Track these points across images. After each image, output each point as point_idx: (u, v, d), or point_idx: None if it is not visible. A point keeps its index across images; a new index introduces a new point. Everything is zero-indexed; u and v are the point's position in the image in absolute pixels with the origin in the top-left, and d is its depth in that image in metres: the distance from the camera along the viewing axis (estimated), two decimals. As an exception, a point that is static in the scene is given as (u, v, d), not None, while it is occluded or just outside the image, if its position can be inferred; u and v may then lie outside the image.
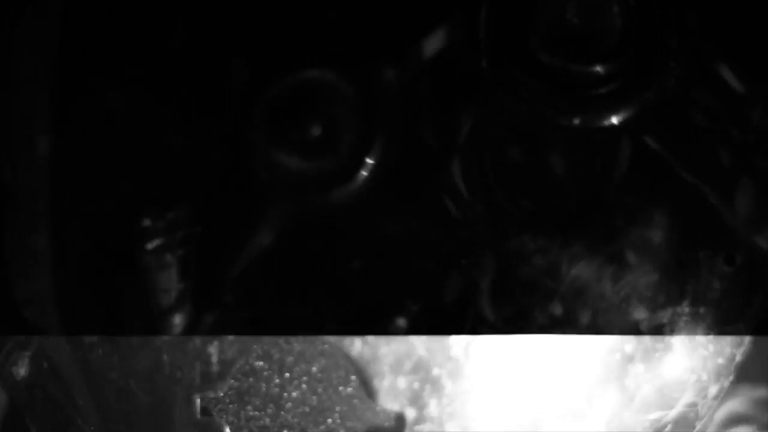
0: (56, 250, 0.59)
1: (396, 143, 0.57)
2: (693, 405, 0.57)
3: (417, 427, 0.57)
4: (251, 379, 0.57)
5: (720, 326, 0.57)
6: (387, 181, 0.57)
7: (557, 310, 0.56)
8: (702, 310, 0.57)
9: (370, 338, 0.56)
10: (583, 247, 0.57)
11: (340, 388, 0.57)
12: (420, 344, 0.57)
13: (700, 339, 0.57)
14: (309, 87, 0.57)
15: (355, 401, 0.57)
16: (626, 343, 0.56)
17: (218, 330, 0.58)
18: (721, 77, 0.57)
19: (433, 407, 0.57)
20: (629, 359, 0.56)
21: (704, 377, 0.57)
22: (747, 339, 0.56)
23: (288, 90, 0.57)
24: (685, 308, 0.56)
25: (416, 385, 0.57)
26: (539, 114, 0.57)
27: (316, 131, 0.56)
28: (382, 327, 0.56)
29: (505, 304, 0.56)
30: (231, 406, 0.58)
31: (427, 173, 0.57)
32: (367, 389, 0.57)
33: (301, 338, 0.57)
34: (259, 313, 0.57)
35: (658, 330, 0.56)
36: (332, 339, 0.57)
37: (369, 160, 0.56)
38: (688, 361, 0.57)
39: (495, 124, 0.57)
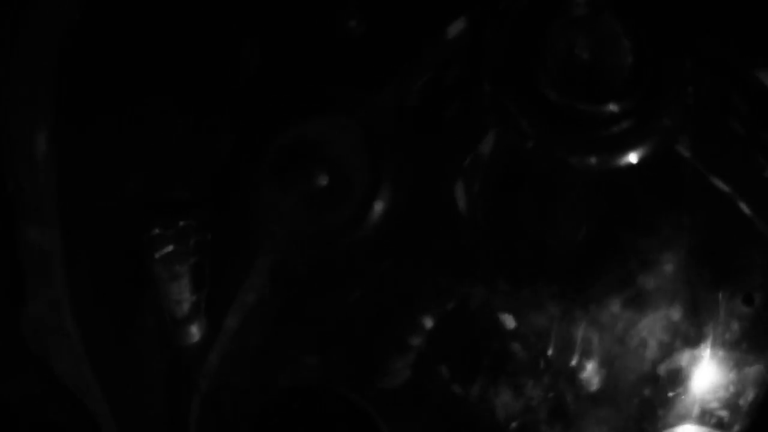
0: (69, 259, 0.59)
1: (403, 186, 0.56)
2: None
3: None
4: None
5: (740, 368, 0.55)
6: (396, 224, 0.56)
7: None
8: (721, 352, 0.55)
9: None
10: (598, 292, 0.55)
11: None
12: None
13: (721, 381, 0.55)
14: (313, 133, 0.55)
15: None
16: (644, 387, 0.55)
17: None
18: (753, 80, 0.56)
19: None
20: (648, 403, 0.55)
21: (726, 418, 0.55)
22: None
23: (293, 139, 0.55)
24: (703, 351, 0.55)
25: None
26: (549, 152, 0.55)
27: (322, 180, 0.54)
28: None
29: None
30: None
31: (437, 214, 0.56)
32: None
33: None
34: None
35: (677, 373, 0.55)
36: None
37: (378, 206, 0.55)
38: (709, 403, 0.55)
39: (501, 162, 0.56)
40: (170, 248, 0.56)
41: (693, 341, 0.55)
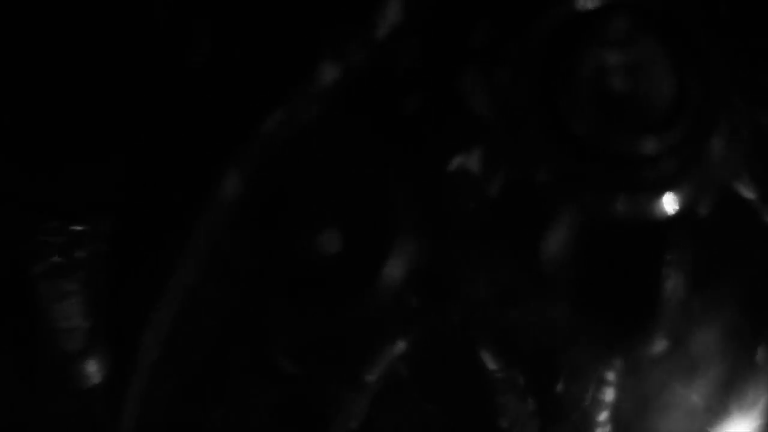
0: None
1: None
2: None
3: None
4: None
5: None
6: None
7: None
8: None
9: None
10: (646, 351, 0.49)
11: None
12: None
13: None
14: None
15: None
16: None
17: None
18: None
19: None
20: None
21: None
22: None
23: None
24: (759, 419, 0.49)
25: None
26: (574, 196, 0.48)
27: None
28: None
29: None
30: None
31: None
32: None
33: None
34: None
35: (731, 439, 0.49)
36: None
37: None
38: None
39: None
40: (55, 260, 0.46)
41: (748, 404, 0.49)
